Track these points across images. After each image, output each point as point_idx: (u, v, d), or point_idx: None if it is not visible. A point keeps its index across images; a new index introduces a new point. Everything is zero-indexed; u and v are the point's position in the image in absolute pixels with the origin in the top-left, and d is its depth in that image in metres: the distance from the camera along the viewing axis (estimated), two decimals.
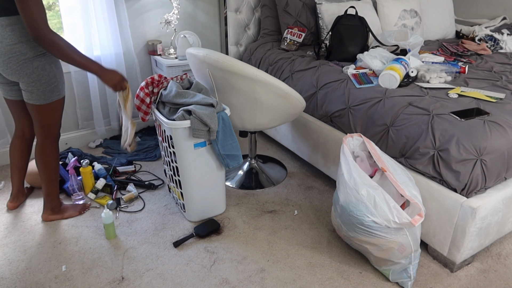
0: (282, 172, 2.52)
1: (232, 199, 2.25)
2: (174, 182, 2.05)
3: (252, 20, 3.02)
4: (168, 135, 1.87)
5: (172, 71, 2.68)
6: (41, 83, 1.70)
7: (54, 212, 2.04)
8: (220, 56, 1.89)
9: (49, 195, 1.99)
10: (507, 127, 1.67)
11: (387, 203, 1.53)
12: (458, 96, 1.93)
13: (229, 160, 1.87)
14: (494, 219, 1.67)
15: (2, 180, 2.43)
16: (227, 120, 1.84)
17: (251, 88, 1.94)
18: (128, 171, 2.49)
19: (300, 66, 2.46)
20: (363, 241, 1.63)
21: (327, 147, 2.24)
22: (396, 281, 1.67)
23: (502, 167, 1.64)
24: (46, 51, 1.65)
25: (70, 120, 2.76)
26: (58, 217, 2.06)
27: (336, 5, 2.79)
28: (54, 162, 1.93)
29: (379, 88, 2.05)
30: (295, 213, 2.13)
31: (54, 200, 2.02)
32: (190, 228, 2.01)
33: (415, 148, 1.74)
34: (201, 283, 1.68)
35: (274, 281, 1.69)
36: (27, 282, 1.68)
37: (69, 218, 2.07)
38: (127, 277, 1.71)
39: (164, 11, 2.85)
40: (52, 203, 2.02)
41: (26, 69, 1.66)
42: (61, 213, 2.06)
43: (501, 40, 2.86)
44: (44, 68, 1.69)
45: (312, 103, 2.30)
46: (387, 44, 2.54)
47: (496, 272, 1.75)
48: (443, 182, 1.66)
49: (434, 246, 1.76)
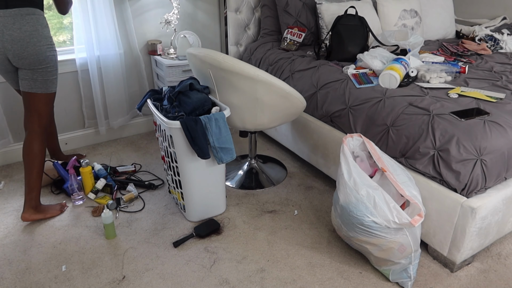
0: (282, 172, 2.52)
1: (232, 199, 2.25)
2: (174, 182, 2.05)
3: (252, 20, 3.01)
4: (168, 135, 1.87)
5: (172, 71, 2.68)
6: (47, 71, 1.90)
7: (37, 210, 2.02)
8: (221, 56, 1.89)
9: (31, 190, 1.97)
10: (507, 127, 1.67)
11: (387, 203, 1.53)
12: (458, 96, 1.93)
13: (222, 154, 1.85)
14: (494, 219, 1.67)
15: (2, 180, 2.43)
16: (221, 113, 1.84)
17: (252, 88, 1.94)
18: (128, 171, 2.49)
19: (300, 66, 2.46)
20: (363, 241, 1.63)
21: (327, 147, 2.24)
22: (396, 281, 1.67)
23: (502, 167, 1.64)
24: None
25: (73, 119, 2.77)
26: (40, 216, 2.02)
27: (336, 5, 2.79)
28: (42, 154, 1.97)
29: (379, 88, 2.05)
30: (295, 213, 2.13)
31: (37, 196, 2.00)
32: (190, 228, 2.01)
33: (415, 148, 1.74)
34: (201, 283, 1.68)
35: (274, 281, 1.69)
36: (27, 282, 1.68)
37: (51, 217, 2.07)
38: (127, 277, 1.71)
39: (164, 11, 2.85)
40: (35, 201, 2.00)
41: (40, 56, 1.85)
42: (43, 213, 2.04)
43: (501, 40, 2.86)
44: (52, 59, 1.91)
45: (312, 103, 2.30)
46: (387, 44, 2.53)
47: (496, 272, 1.75)
48: (443, 182, 1.66)
49: (434, 246, 1.76)
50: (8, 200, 2.23)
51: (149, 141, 2.94)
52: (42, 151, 1.97)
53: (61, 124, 2.74)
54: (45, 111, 1.97)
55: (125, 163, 2.63)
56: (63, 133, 2.77)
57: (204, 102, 1.94)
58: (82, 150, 2.81)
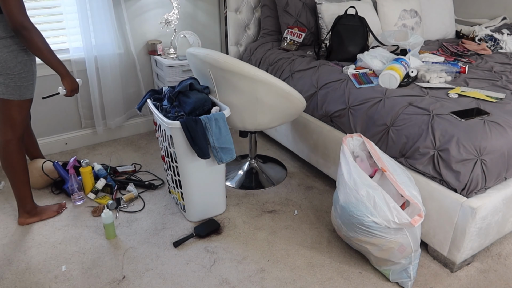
0: (282, 172, 2.52)
1: (232, 199, 2.25)
2: (174, 182, 2.05)
3: (252, 20, 3.01)
4: (168, 135, 1.87)
5: (172, 71, 2.68)
6: (20, 77, 1.76)
7: (31, 214, 2.01)
8: (221, 56, 1.89)
9: (22, 198, 1.96)
10: (507, 127, 1.67)
11: (387, 203, 1.53)
12: (458, 96, 1.93)
13: (222, 154, 1.85)
14: (494, 219, 1.67)
15: (2, 180, 2.43)
16: (221, 113, 1.84)
17: (252, 88, 1.94)
18: (128, 171, 2.49)
19: (300, 66, 2.46)
20: (363, 241, 1.63)
21: (327, 147, 2.24)
22: (396, 281, 1.67)
23: (502, 167, 1.64)
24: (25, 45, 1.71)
25: (73, 119, 2.76)
26: (35, 219, 2.03)
27: (336, 5, 2.79)
28: (22, 162, 1.90)
29: (379, 88, 2.05)
30: (295, 213, 2.13)
31: (28, 202, 1.99)
32: (190, 228, 2.01)
33: (415, 148, 1.74)
34: (201, 283, 1.68)
35: (274, 281, 1.69)
36: (27, 282, 1.68)
37: (48, 219, 2.06)
38: (127, 277, 1.71)
39: (164, 11, 2.85)
40: (27, 206, 1.99)
41: (10, 62, 1.72)
42: (38, 215, 2.04)
43: (501, 40, 2.86)
44: (26, 64, 1.77)
45: (312, 103, 2.30)
46: (387, 44, 2.53)
47: (496, 272, 1.75)
48: (443, 182, 1.66)
49: (434, 246, 1.76)
50: (8, 200, 2.23)
51: (149, 141, 2.94)
52: (21, 159, 1.89)
53: (61, 124, 2.74)
54: (19, 119, 1.83)
55: (125, 163, 2.63)
56: (63, 133, 2.77)
57: (204, 102, 1.94)
58: (82, 150, 2.81)
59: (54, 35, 2.56)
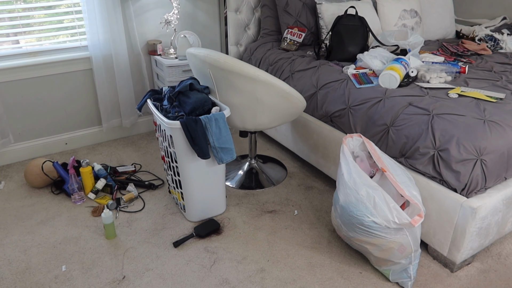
0: (282, 172, 2.52)
1: (232, 199, 2.25)
2: (174, 182, 2.05)
3: (252, 20, 3.01)
4: (168, 135, 1.87)
5: (172, 71, 2.68)
6: None
7: None
8: (221, 56, 1.89)
9: None
10: (507, 127, 1.67)
11: (387, 203, 1.53)
12: (458, 96, 1.93)
13: (222, 154, 1.85)
14: (494, 219, 1.67)
15: (2, 180, 2.43)
16: (221, 113, 1.84)
17: (252, 88, 1.94)
18: (128, 171, 2.49)
19: (300, 66, 2.46)
20: (363, 241, 1.63)
21: (327, 147, 2.24)
22: (396, 281, 1.67)
23: (502, 167, 1.64)
24: None
25: (75, 119, 2.77)
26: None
27: (336, 5, 2.79)
28: None
29: (379, 88, 2.05)
30: (295, 213, 2.13)
31: None
32: (190, 228, 2.01)
33: (415, 148, 1.74)
34: (201, 283, 1.68)
35: (274, 281, 1.69)
36: (27, 282, 1.68)
37: None
38: (127, 277, 1.71)
39: (164, 11, 2.85)
40: None
41: None
42: None
43: (501, 40, 2.86)
44: None
45: (312, 103, 2.30)
46: (387, 44, 2.53)
47: (496, 272, 1.75)
48: (443, 182, 1.66)
49: (434, 246, 1.76)
50: (8, 200, 2.23)
51: (149, 141, 2.95)
52: None
53: (61, 124, 2.74)
54: None
55: (125, 163, 2.63)
56: (63, 133, 2.77)
57: (204, 102, 1.94)
58: (82, 150, 2.81)
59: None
